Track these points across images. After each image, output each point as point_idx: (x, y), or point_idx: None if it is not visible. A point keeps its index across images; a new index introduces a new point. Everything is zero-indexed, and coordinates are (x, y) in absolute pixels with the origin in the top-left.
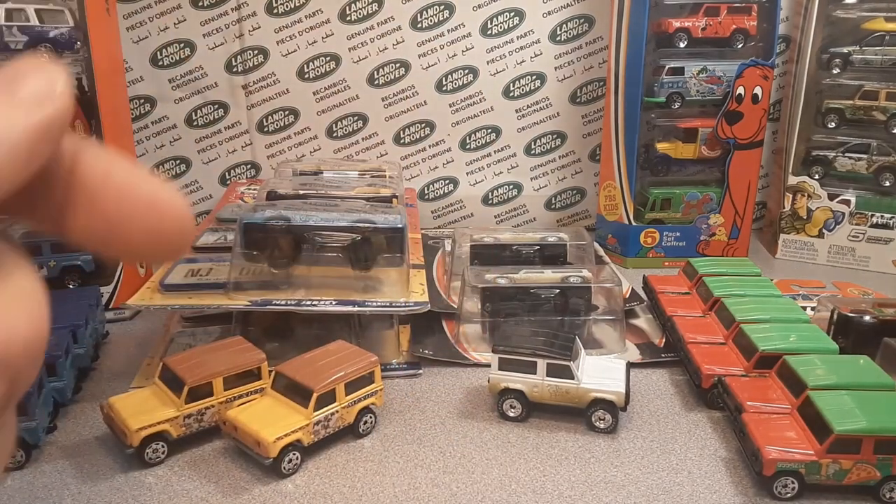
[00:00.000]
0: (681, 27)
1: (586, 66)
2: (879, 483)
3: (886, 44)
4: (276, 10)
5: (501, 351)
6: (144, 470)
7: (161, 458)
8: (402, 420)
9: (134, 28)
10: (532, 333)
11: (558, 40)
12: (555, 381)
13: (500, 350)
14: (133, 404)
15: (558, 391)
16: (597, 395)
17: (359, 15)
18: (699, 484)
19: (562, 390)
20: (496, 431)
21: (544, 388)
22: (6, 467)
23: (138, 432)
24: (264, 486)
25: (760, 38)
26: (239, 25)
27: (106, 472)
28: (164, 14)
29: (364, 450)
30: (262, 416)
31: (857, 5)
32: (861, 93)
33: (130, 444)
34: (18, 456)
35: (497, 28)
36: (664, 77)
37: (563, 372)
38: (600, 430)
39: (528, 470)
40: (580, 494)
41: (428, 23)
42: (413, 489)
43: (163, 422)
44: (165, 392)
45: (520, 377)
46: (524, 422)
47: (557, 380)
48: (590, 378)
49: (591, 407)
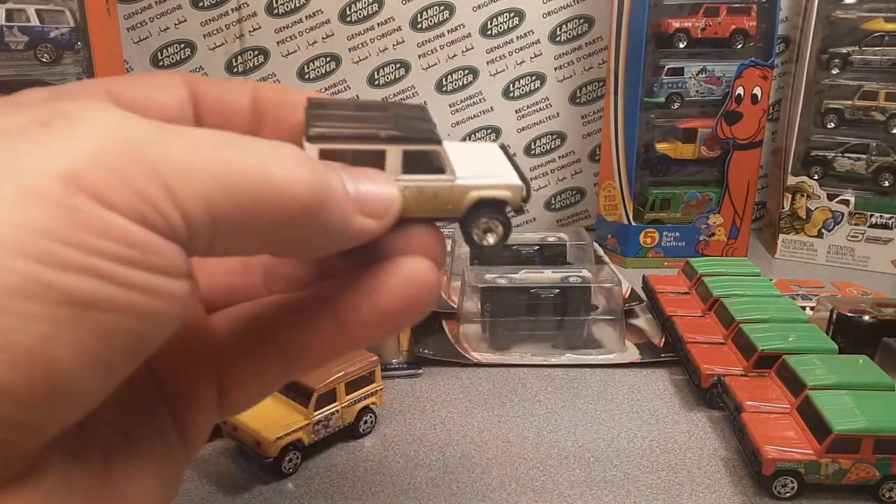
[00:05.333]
0: (680, 27)
1: (586, 66)
2: (879, 483)
3: (886, 44)
4: (277, 11)
5: (324, 137)
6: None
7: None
8: (402, 420)
9: (134, 28)
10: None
11: (558, 41)
12: (416, 178)
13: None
14: (260, 416)
15: (422, 196)
16: (480, 193)
17: (359, 15)
18: (699, 483)
19: (427, 194)
20: (496, 431)
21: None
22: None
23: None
24: (264, 486)
25: (760, 38)
26: (239, 26)
27: None
28: (164, 14)
29: (364, 450)
30: (262, 415)
31: (856, 6)
32: (860, 93)
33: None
34: None
35: (497, 28)
36: (664, 77)
37: (427, 163)
38: (486, 244)
39: (527, 470)
40: (580, 494)
41: (428, 23)
42: (413, 489)
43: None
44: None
45: None
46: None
47: (421, 177)
48: (464, 170)
49: (471, 214)
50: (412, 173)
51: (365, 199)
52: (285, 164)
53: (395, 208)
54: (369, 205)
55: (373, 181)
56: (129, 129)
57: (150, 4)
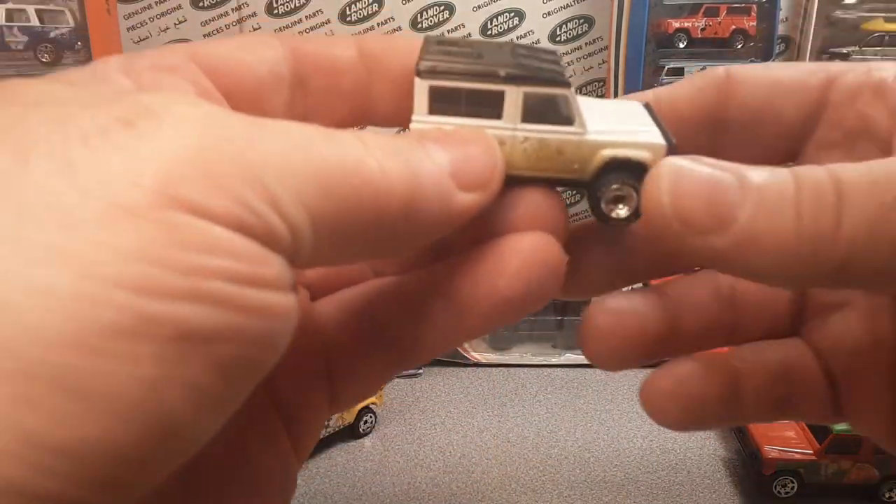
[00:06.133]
0: (680, 27)
1: (586, 66)
2: (878, 483)
3: (886, 44)
4: (277, 11)
5: (436, 72)
6: None
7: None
8: (402, 420)
9: (135, 28)
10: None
11: (558, 40)
12: (539, 128)
13: (430, 70)
14: None
15: (544, 151)
16: (614, 152)
17: (359, 15)
18: (699, 484)
19: (550, 148)
20: (496, 431)
21: (518, 145)
22: None
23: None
24: None
25: (760, 38)
26: (239, 26)
27: None
28: (164, 14)
29: (364, 450)
30: None
31: (856, 6)
32: None
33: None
34: None
35: (497, 28)
36: (664, 77)
37: (552, 111)
38: (617, 218)
39: (527, 470)
40: (580, 494)
41: (428, 23)
42: (413, 489)
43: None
44: None
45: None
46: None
47: (543, 126)
48: (597, 124)
49: (600, 178)
50: (534, 122)
51: (461, 170)
52: (377, 156)
53: (498, 174)
54: (468, 176)
55: (468, 146)
56: (222, 126)
57: (150, 4)
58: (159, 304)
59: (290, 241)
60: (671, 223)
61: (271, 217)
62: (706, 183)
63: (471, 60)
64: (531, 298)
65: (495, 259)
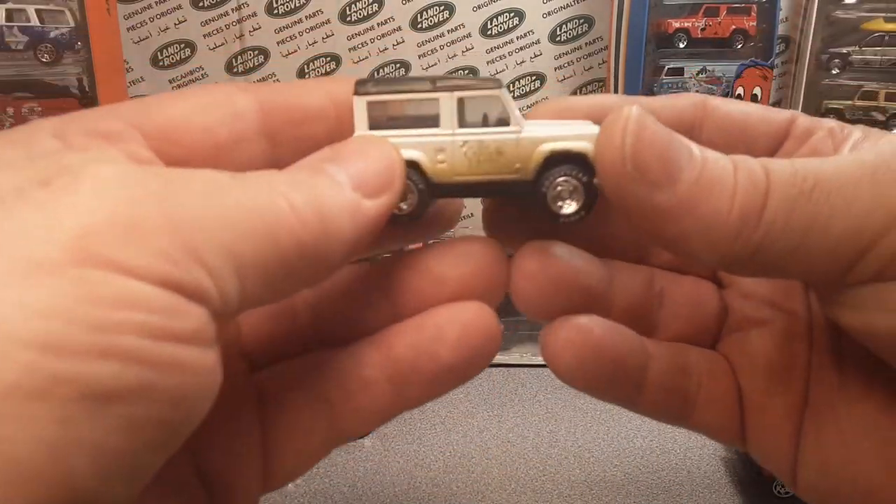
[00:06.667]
0: (680, 27)
1: (586, 66)
2: None
3: (886, 44)
4: (277, 11)
5: (370, 90)
6: None
7: None
8: (402, 420)
9: (134, 28)
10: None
11: (558, 41)
12: (475, 131)
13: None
14: None
15: (484, 153)
16: (553, 146)
17: (359, 15)
18: (699, 484)
19: (490, 150)
20: (496, 431)
21: (458, 150)
22: None
23: None
24: None
25: (760, 38)
26: (239, 26)
27: None
28: (164, 14)
29: (364, 450)
30: None
31: (856, 6)
32: (860, 93)
33: None
34: None
35: (497, 28)
36: (664, 77)
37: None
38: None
39: (527, 470)
40: (580, 494)
41: (428, 23)
42: (413, 489)
43: None
44: None
45: (411, 138)
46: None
47: (480, 129)
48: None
49: (543, 175)
50: (471, 126)
51: (362, 180)
52: (283, 192)
53: (397, 173)
54: (370, 184)
55: (363, 155)
56: (137, 181)
57: (150, 4)
58: (64, 363)
59: (215, 290)
60: (626, 164)
61: (192, 267)
62: (663, 140)
63: (404, 79)
64: (470, 367)
65: (436, 328)
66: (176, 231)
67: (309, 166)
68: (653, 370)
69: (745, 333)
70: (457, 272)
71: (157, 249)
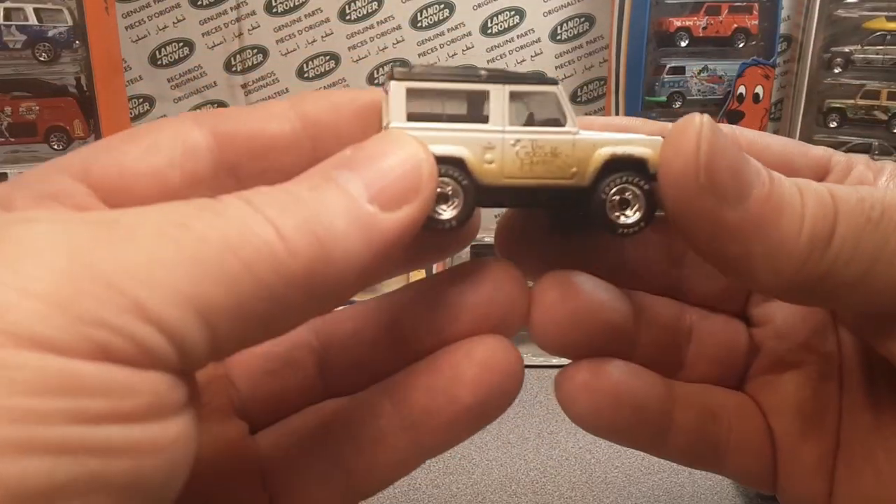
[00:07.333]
0: (682, 26)
1: (587, 65)
2: None
3: (888, 43)
4: (276, 9)
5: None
6: None
7: None
8: None
9: (133, 27)
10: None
11: (559, 39)
12: (530, 130)
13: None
14: None
15: (538, 154)
16: (613, 149)
17: (358, 14)
18: (699, 485)
19: (544, 150)
20: (496, 432)
21: (509, 149)
22: None
23: None
24: None
25: (762, 37)
26: (238, 24)
27: None
28: (162, 13)
29: None
30: None
31: (858, 5)
32: (862, 92)
33: None
34: None
35: (497, 27)
36: (665, 76)
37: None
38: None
39: (528, 471)
40: (581, 495)
41: (428, 22)
42: (413, 489)
43: None
44: None
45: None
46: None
47: (534, 127)
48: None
49: (602, 179)
50: (524, 124)
51: (381, 188)
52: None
53: (427, 175)
54: (389, 192)
55: (383, 156)
56: (69, 238)
57: (149, 3)
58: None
59: (172, 349)
60: (699, 174)
61: (139, 329)
62: (735, 154)
63: (448, 68)
64: (491, 408)
65: (452, 368)
66: (110, 288)
67: (320, 174)
68: (679, 416)
69: (778, 375)
70: (473, 300)
71: (92, 318)
